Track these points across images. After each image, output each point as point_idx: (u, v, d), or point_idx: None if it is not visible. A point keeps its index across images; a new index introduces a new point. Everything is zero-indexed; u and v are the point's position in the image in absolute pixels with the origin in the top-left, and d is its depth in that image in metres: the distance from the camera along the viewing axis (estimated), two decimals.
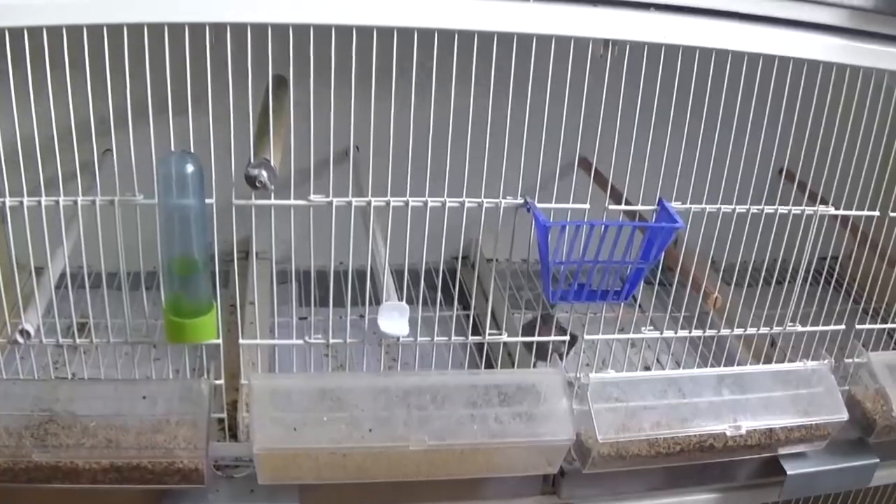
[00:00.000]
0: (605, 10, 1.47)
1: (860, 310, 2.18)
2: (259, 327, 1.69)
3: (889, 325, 2.07)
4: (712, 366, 2.00)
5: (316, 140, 1.47)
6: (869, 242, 1.99)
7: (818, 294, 2.00)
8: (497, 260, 1.95)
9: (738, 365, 1.98)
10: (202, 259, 1.44)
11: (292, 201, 1.52)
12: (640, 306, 2.02)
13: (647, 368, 2.05)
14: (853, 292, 2.11)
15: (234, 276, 1.60)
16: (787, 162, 1.74)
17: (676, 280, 1.88)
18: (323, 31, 1.37)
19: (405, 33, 1.40)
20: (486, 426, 1.63)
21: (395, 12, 1.38)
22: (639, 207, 1.68)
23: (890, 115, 1.74)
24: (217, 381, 1.64)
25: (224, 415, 1.69)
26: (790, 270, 1.88)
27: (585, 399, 1.73)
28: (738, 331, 1.89)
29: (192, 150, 1.39)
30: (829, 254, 2.10)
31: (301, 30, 1.36)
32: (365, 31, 1.38)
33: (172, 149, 1.41)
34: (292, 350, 1.87)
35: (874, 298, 2.13)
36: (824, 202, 1.85)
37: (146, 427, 1.57)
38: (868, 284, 2.08)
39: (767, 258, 1.84)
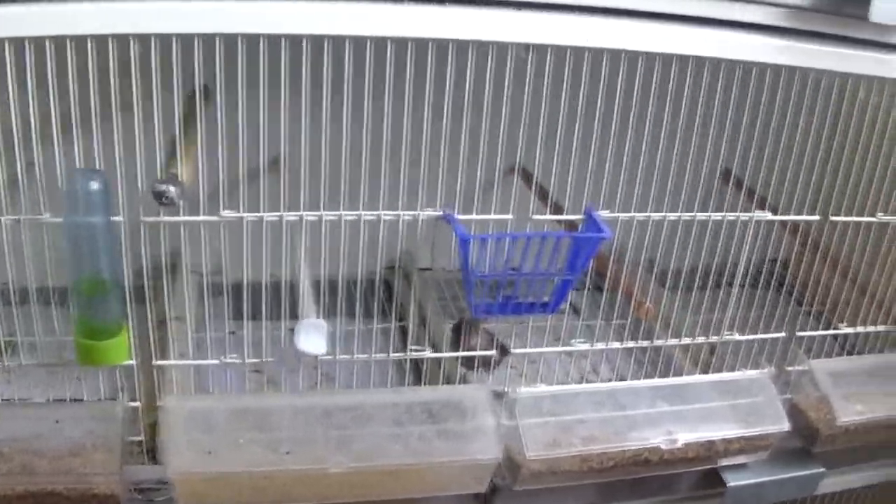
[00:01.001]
0: (525, 14, 1.47)
1: (804, 313, 2.19)
2: (180, 345, 1.72)
3: (831, 332, 2.08)
4: (651, 376, 1.99)
5: (234, 154, 1.48)
6: (809, 245, 2.01)
7: (767, 298, 2.03)
8: (431, 269, 1.97)
9: (679, 374, 1.98)
10: (111, 279, 1.44)
11: (202, 217, 1.53)
12: (570, 314, 2.02)
13: (584, 379, 2.05)
14: (801, 296, 2.13)
15: (164, 292, 1.61)
16: (719, 164, 1.77)
17: (607, 288, 1.90)
18: (235, 40, 1.38)
19: (318, 41, 1.41)
20: (410, 445, 1.64)
21: (302, 19, 1.38)
22: (564, 217, 1.69)
23: (829, 116, 1.77)
24: (132, 404, 1.65)
25: (142, 437, 1.69)
26: (735, 275, 1.91)
27: (514, 414, 1.74)
28: (672, 341, 1.91)
29: (99, 167, 1.40)
30: (779, 256, 2.12)
31: (215, 40, 1.37)
32: (276, 41, 1.39)
33: (78, 166, 1.41)
34: (211, 369, 1.86)
35: (819, 302, 2.14)
36: (765, 206, 1.87)
37: (62, 452, 1.57)
38: (812, 288, 2.10)
39: (711, 263, 1.88)
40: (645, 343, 1.88)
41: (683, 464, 1.87)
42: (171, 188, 1.41)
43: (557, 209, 1.74)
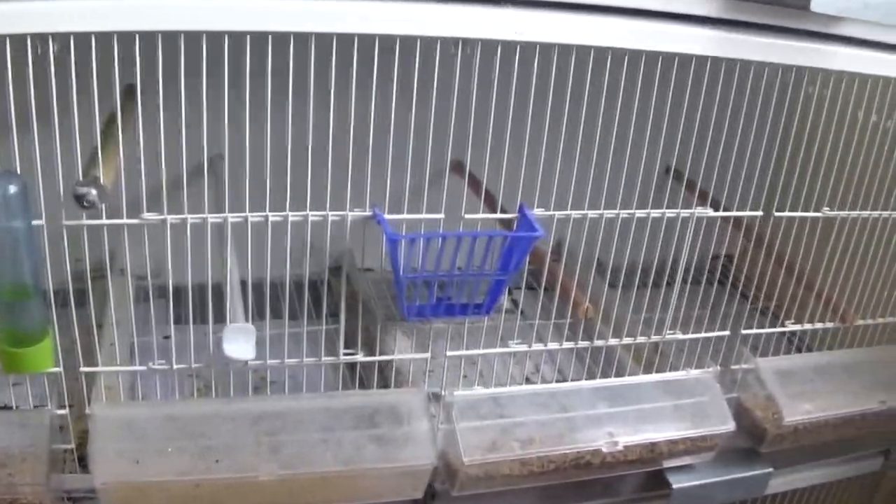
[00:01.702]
0: (454, 7, 1.47)
1: (753, 311, 2.21)
2: (114, 351, 1.73)
3: (776, 329, 2.09)
4: (596, 376, 2.00)
5: (169, 156, 1.49)
6: (756, 241, 2.02)
7: (713, 295, 2.05)
8: (373, 270, 1.97)
9: (624, 374, 1.99)
10: (33, 285, 1.44)
11: (124, 220, 1.52)
12: (513, 315, 2.03)
13: (527, 380, 2.06)
14: (750, 294, 2.14)
15: (102, 295, 1.63)
16: (658, 161, 1.77)
17: (543, 287, 1.90)
18: (172, 37, 1.38)
19: (258, 38, 1.41)
20: (342, 452, 1.64)
21: (231, 16, 1.37)
22: (498, 216, 1.70)
23: (771, 109, 1.78)
24: (61, 411, 1.65)
25: (72, 445, 1.69)
26: (676, 273, 1.91)
27: (451, 417, 1.75)
28: (613, 340, 1.92)
29: (16, 170, 1.39)
30: (724, 253, 2.13)
31: (148, 37, 1.37)
32: (215, 37, 1.39)
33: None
34: (157, 375, 1.85)
35: (767, 299, 2.15)
36: (709, 201, 1.89)
37: None
38: (760, 285, 2.11)
39: (655, 260, 1.89)
40: (584, 343, 1.88)
41: (626, 466, 1.88)
42: (92, 191, 1.40)
43: (502, 209, 1.75)
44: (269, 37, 1.40)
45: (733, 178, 1.81)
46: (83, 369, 1.66)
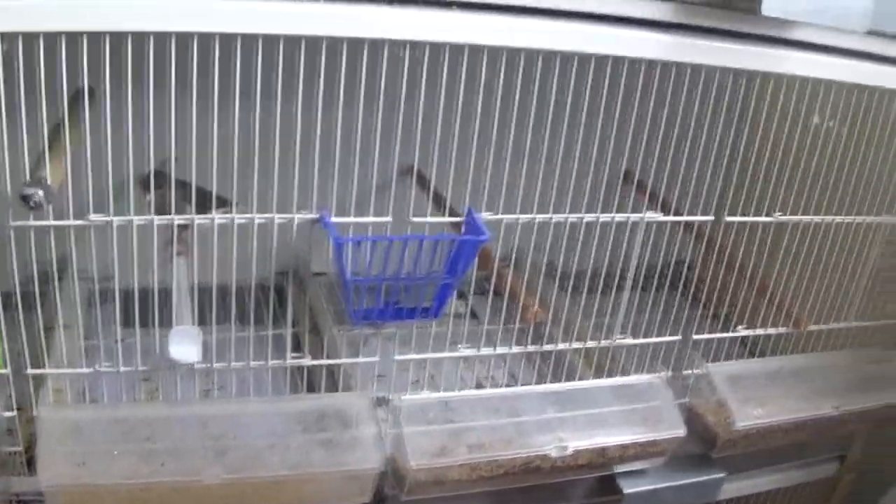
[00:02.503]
0: (401, 10, 1.49)
1: (708, 316, 2.25)
2: (67, 352, 1.73)
3: (728, 334, 2.13)
4: (549, 381, 2.03)
5: (119, 156, 1.50)
6: (710, 246, 2.05)
7: (666, 300, 2.07)
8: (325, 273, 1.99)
9: (576, 378, 2.02)
10: None
11: (70, 222, 1.54)
12: (465, 319, 2.05)
13: (480, 385, 2.09)
14: (705, 299, 2.17)
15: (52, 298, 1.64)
16: (606, 164, 1.81)
17: (491, 291, 1.93)
18: (118, 39, 1.39)
19: (204, 40, 1.42)
20: (288, 456, 1.66)
21: (190, 17, 1.39)
22: (446, 219, 1.72)
23: (722, 114, 1.81)
24: (8, 414, 1.67)
25: (20, 448, 1.71)
26: (625, 278, 1.94)
27: (399, 422, 1.77)
28: (562, 345, 1.95)
29: None
30: (677, 258, 2.16)
31: (94, 39, 1.38)
32: (161, 38, 1.40)
33: None
34: (105, 378, 1.86)
35: (722, 304, 2.19)
36: (665, 207, 1.91)
37: None
38: (712, 289, 2.15)
39: (607, 265, 1.92)
40: (533, 347, 1.91)
41: (576, 471, 1.91)
42: (39, 191, 1.42)
43: (453, 212, 1.77)
44: (216, 38, 1.42)
45: (687, 182, 1.85)
46: (30, 372, 1.67)
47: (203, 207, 1.61)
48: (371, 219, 1.66)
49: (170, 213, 1.57)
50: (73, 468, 1.58)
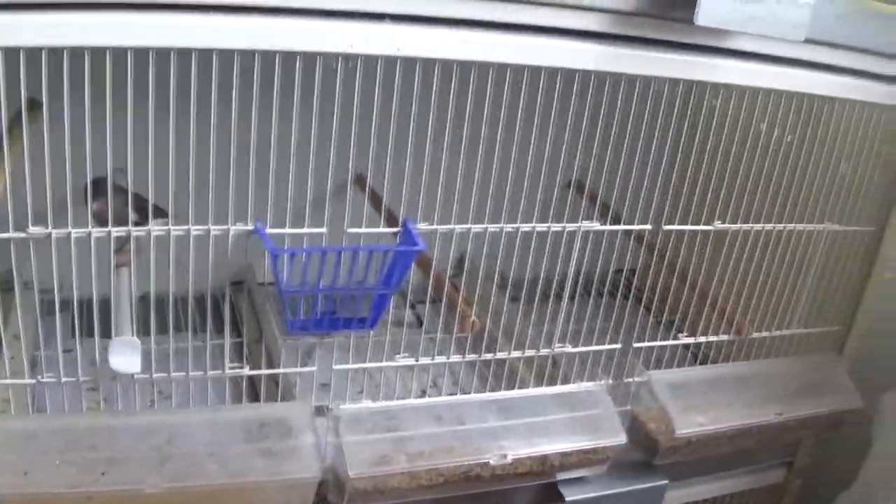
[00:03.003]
0: (335, 23, 1.53)
1: (655, 323, 2.28)
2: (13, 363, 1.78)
3: (669, 342, 2.16)
4: (494, 389, 2.05)
5: (62, 169, 1.53)
6: (645, 252, 2.10)
7: (613, 307, 2.10)
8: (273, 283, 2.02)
9: (519, 386, 2.05)
10: None
11: (11, 234, 1.57)
12: (407, 328, 2.08)
13: (425, 393, 2.12)
14: (652, 305, 2.21)
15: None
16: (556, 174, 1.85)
17: (429, 300, 1.96)
18: (74, 52, 1.42)
19: (141, 53, 1.46)
20: (227, 465, 1.69)
21: (124, 31, 1.42)
22: (381, 230, 1.76)
23: (660, 120, 1.86)
24: None
25: None
26: (563, 286, 1.98)
27: (338, 431, 1.81)
28: (500, 353, 1.98)
29: None
30: (627, 266, 2.20)
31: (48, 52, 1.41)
32: (119, 52, 1.44)
33: None
34: (47, 388, 1.88)
35: (666, 311, 2.22)
36: (599, 213, 1.95)
37: None
38: (658, 298, 2.18)
39: (546, 272, 1.96)
40: (472, 356, 1.95)
41: (517, 479, 1.95)
42: None
43: (392, 221, 1.80)
44: (151, 52, 1.46)
45: (629, 190, 1.90)
46: None
47: (143, 218, 1.62)
48: (306, 230, 1.69)
49: (109, 225, 1.59)
50: (17, 477, 1.61)
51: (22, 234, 1.58)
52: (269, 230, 1.65)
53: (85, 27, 1.39)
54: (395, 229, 1.75)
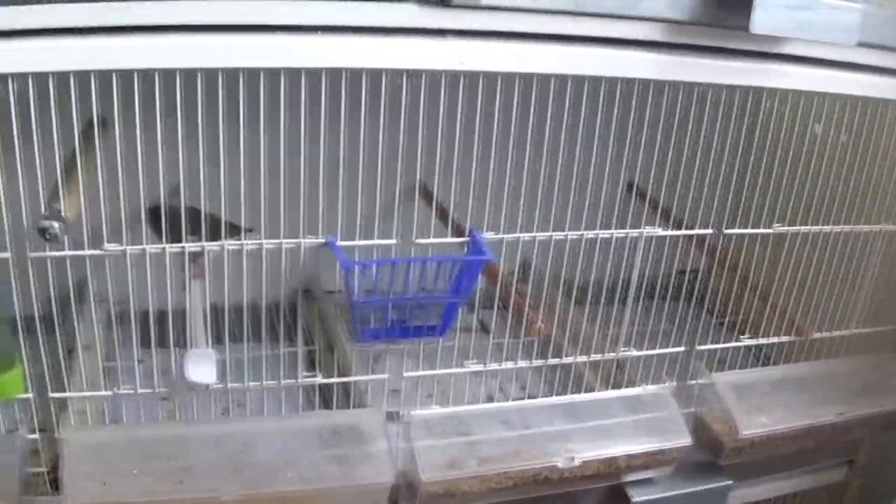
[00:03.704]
0: (399, 40, 1.53)
1: (717, 325, 2.28)
2: (89, 375, 1.78)
3: (731, 344, 2.14)
4: (560, 393, 2.05)
5: (131, 186, 1.53)
6: (706, 255, 2.08)
7: (675, 310, 2.14)
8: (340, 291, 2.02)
9: (585, 390, 2.05)
10: (0, 314, 1.51)
11: (87, 252, 1.58)
12: (477, 334, 2.08)
13: (492, 399, 2.12)
14: (712, 308, 2.20)
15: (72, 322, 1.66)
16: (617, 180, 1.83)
17: (497, 307, 1.95)
18: (127, 74, 1.43)
19: (210, 73, 1.47)
20: (302, 471, 1.69)
21: (195, 54, 1.43)
22: (448, 240, 1.76)
23: (718, 127, 1.84)
24: (32, 436, 1.71)
25: (44, 469, 1.74)
26: (628, 290, 1.97)
27: (409, 436, 1.81)
28: (567, 358, 1.98)
29: None
30: (689, 268, 2.19)
31: (104, 74, 1.42)
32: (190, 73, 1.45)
33: None
34: (124, 399, 1.88)
35: (729, 313, 2.21)
36: (668, 219, 1.94)
37: None
38: (714, 299, 2.17)
39: (612, 278, 1.96)
40: (539, 362, 1.94)
41: (585, 481, 1.94)
42: (55, 224, 1.45)
43: (458, 231, 1.80)
44: (220, 73, 1.47)
45: (689, 196, 1.88)
46: (53, 395, 1.71)
47: (216, 234, 1.63)
48: (377, 241, 1.70)
49: (182, 242, 1.60)
50: (97, 487, 1.62)
51: (98, 252, 1.58)
52: (340, 242, 1.64)
53: (156, 50, 1.41)
54: (462, 239, 1.74)
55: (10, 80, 1.39)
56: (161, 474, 1.66)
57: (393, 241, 1.70)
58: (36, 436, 1.71)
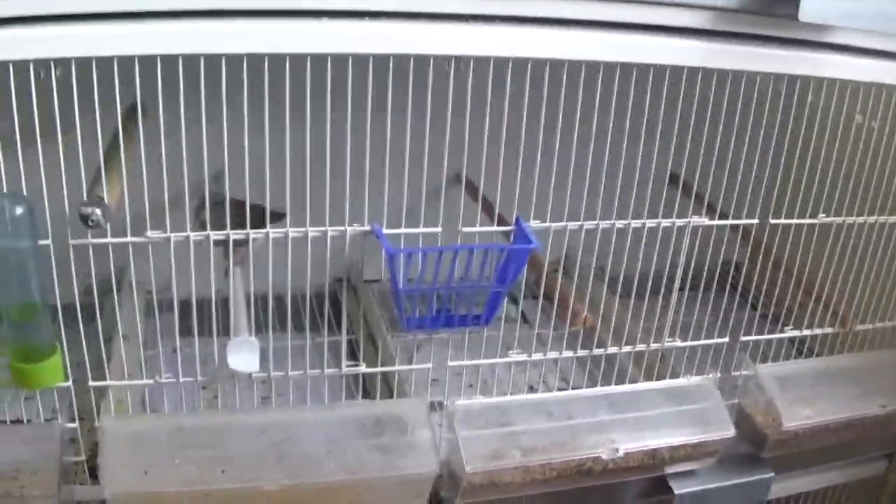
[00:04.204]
0: (446, 26, 1.50)
1: (760, 317, 2.23)
2: (128, 364, 1.78)
3: (776, 336, 2.10)
4: (601, 384, 2.01)
5: (174, 173, 1.51)
6: (759, 247, 2.04)
7: (717, 301, 2.08)
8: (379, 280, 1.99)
9: (628, 382, 2.01)
10: (42, 302, 1.48)
11: (129, 239, 1.55)
12: (519, 324, 2.05)
13: (533, 389, 2.08)
14: (753, 299, 2.16)
15: (112, 309, 1.66)
16: (650, 169, 1.79)
17: (541, 297, 1.92)
18: (171, 59, 1.41)
19: (254, 57, 1.44)
20: (345, 461, 1.67)
21: (245, 39, 1.41)
22: (493, 228, 1.72)
23: (765, 116, 1.80)
24: (71, 424, 1.69)
25: (83, 457, 1.73)
26: (674, 280, 1.93)
27: (453, 427, 1.77)
28: (612, 349, 1.94)
29: (23, 192, 1.43)
30: (731, 259, 2.15)
31: (147, 59, 1.40)
32: (215, 58, 1.42)
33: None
34: (165, 388, 1.86)
35: (772, 305, 2.17)
36: (713, 210, 1.90)
37: (3, 474, 1.60)
38: (761, 290, 2.13)
39: (658, 268, 1.92)
40: (584, 352, 1.90)
41: (627, 472, 1.90)
42: (97, 210, 1.43)
43: (503, 221, 1.77)
44: (266, 58, 1.44)
45: (732, 185, 1.83)
46: (92, 384, 1.69)
47: (259, 223, 1.60)
48: (422, 229, 1.66)
49: (225, 229, 1.57)
50: (137, 476, 1.59)
51: (140, 239, 1.55)
52: (385, 230, 1.61)
53: (201, 35, 1.39)
54: (508, 228, 1.70)
55: (52, 66, 1.36)
56: (203, 463, 1.63)
57: (438, 230, 1.67)
58: (75, 424, 1.69)
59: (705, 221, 1.87)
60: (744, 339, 2.07)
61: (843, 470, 2.36)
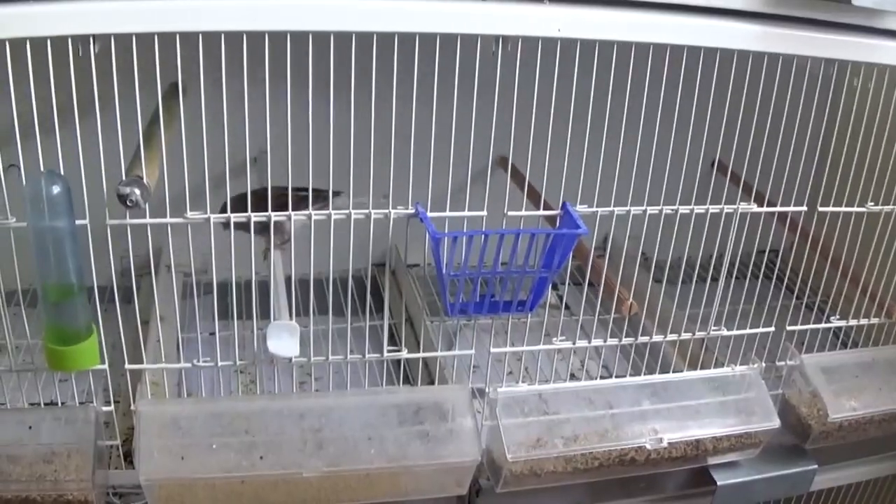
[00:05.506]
0: (494, 5, 1.44)
1: (802, 306, 2.20)
2: (165, 346, 1.72)
3: (822, 325, 2.03)
4: (642, 372, 1.97)
5: (214, 152, 1.46)
6: (805, 236, 1.97)
7: (759, 290, 2.03)
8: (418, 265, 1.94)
9: (672, 371, 1.94)
10: (78, 283, 1.42)
11: (168, 220, 1.50)
12: (561, 311, 1.99)
13: (573, 377, 2.02)
14: (798, 289, 2.09)
15: (148, 292, 1.61)
16: (699, 155, 1.71)
17: (587, 283, 1.87)
18: (213, 37, 1.35)
19: (299, 37, 1.39)
20: (385, 448, 1.62)
21: (289, 16, 1.36)
22: (541, 213, 1.66)
23: (815, 104, 1.72)
24: (106, 408, 1.64)
25: (117, 441, 1.69)
26: (720, 268, 1.87)
27: (495, 414, 1.72)
28: (657, 337, 1.88)
29: (60, 171, 1.37)
30: (770, 247, 2.10)
31: (191, 37, 1.35)
32: (257, 36, 1.36)
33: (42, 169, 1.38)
34: (202, 371, 1.81)
35: (815, 294, 2.10)
36: (756, 196, 1.84)
37: (36, 457, 1.55)
38: (805, 280, 2.06)
39: (701, 255, 1.87)
40: (629, 340, 1.84)
41: (671, 463, 1.85)
42: (136, 190, 1.39)
43: (546, 205, 1.70)
44: (310, 36, 1.38)
45: (779, 173, 1.76)
46: (128, 367, 1.64)
47: (300, 205, 1.55)
48: (467, 213, 1.60)
49: (267, 210, 1.51)
50: (173, 461, 1.55)
51: (179, 220, 1.50)
52: (429, 213, 1.55)
53: (244, 12, 1.34)
54: (554, 212, 1.64)
55: (91, 41, 1.30)
56: (241, 449, 1.58)
57: (483, 213, 1.60)
58: (110, 408, 1.64)
59: (754, 208, 1.80)
60: (789, 328, 1.99)
61: (886, 463, 2.29)
